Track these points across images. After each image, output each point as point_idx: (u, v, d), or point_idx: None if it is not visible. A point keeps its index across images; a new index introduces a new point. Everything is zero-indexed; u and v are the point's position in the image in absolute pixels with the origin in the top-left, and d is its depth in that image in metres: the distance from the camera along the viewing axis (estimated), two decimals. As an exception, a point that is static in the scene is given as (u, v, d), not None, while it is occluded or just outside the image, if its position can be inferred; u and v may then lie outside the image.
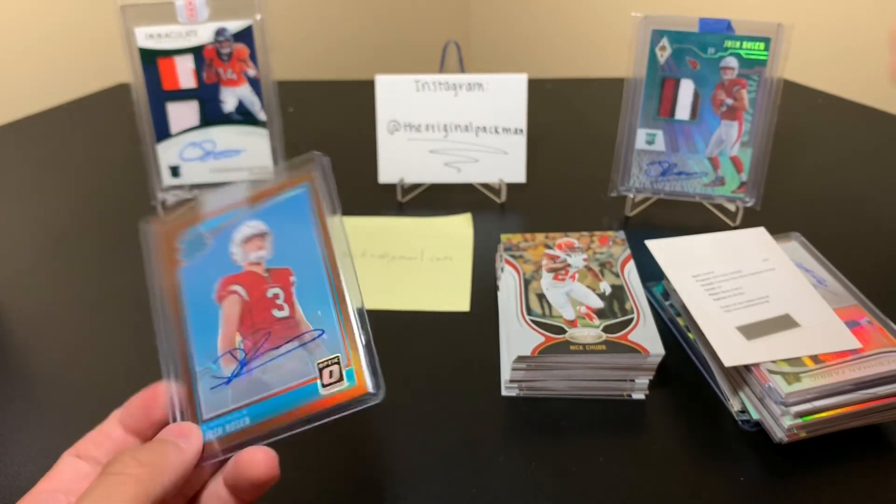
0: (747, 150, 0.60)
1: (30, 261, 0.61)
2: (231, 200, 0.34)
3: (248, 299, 0.32)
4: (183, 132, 0.66)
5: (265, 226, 0.33)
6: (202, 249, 0.33)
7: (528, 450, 0.40)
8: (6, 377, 0.47)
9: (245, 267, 0.33)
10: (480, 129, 0.67)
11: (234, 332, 0.32)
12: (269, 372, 0.31)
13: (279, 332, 0.31)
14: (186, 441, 0.28)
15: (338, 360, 0.30)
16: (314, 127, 0.90)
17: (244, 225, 0.33)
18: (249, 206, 0.34)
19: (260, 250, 0.33)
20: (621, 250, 0.51)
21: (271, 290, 0.32)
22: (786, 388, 0.38)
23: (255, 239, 0.33)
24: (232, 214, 0.34)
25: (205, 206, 0.34)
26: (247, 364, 0.31)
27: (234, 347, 0.31)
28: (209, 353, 0.31)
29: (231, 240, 0.33)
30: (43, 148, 0.87)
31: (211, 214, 0.34)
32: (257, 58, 0.65)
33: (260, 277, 0.32)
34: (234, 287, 0.32)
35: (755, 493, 0.37)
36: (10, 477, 0.39)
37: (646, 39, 0.59)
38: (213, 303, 0.32)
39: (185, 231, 0.34)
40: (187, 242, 0.34)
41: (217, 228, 0.34)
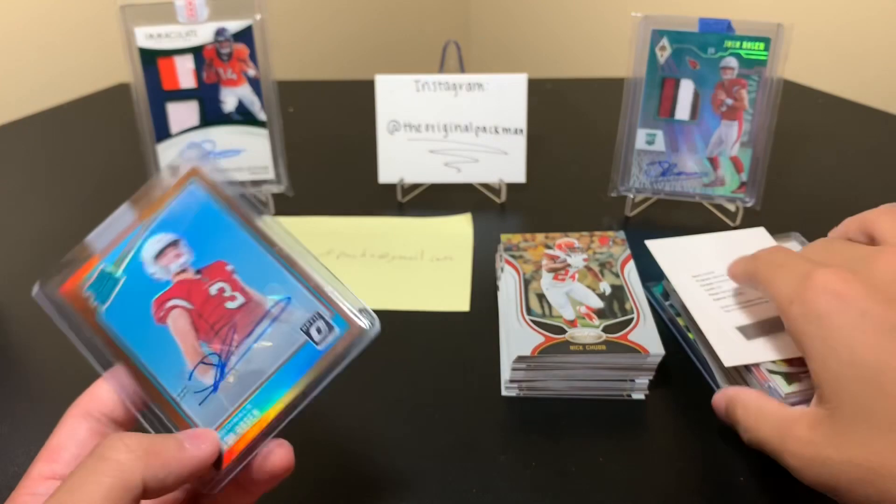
0: (747, 150, 0.60)
1: (30, 261, 0.61)
2: (120, 228, 0.32)
3: (192, 307, 0.30)
4: (183, 132, 0.66)
5: (171, 234, 0.31)
6: (115, 286, 0.31)
7: (528, 450, 0.40)
8: (6, 377, 0.47)
9: (173, 280, 0.31)
10: (480, 129, 0.67)
11: (195, 342, 0.30)
12: (255, 359, 0.29)
13: (244, 319, 0.30)
14: (194, 442, 0.27)
15: (319, 314, 0.29)
16: (314, 127, 0.90)
17: (148, 244, 0.31)
18: (142, 225, 0.32)
19: (179, 258, 0.31)
20: (621, 250, 0.51)
21: (213, 286, 0.30)
22: (786, 388, 0.38)
23: (168, 250, 0.31)
24: (127, 240, 0.31)
25: (94, 246, 0.32)
26: (226, 364, 0.30)
27: (203, 356, 0.30)
28: (178, 373, 0.30)
29: (142, 262, 0.31)
30: (43, 148, 0.87)
31: (105, 251, 0.32)
32: (257, 58, 0.65)
33: (194, 281, 0.31)
34: (172, 302, 0.30)
35: (755, 493, 0.37)
36: (10, 477, 0.39)
37: (646, 39, 0.59)
38: (157, 327, 0.30)
39: (85, 278, 0.31)
40: (94, 287, 0.31)
41: (119, 260, 0.31)
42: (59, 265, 0.31)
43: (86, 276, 0.31)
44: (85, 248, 0.32)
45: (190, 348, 0.30)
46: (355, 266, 0.58)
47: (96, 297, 0.31)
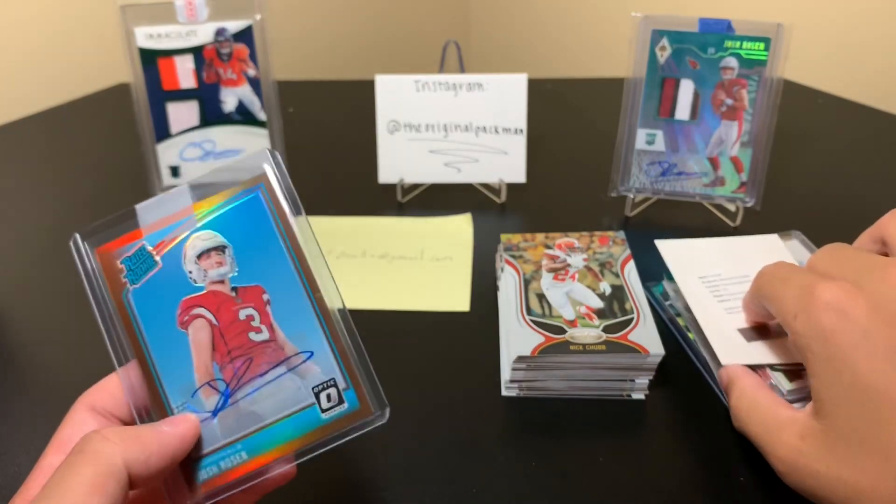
0: (747, 150, 0.60)
1: (30, 261, 0.61)
2: (172, 210, 0.29)
3: (217, 323, 0.29)
4: (183, 132, 0.66)
5: (220, 237, 0.29)
6: (150, 269, 0.29)
7: (528, 450, 0.40)
8: (6, 377, 0.47)
9: (207, 287, 0.29)
10: (480, 129, 0.67)
11: (209, 361, 0.28)
12: (259, 401, 0.28)
13: (261, 357, 0.28)
14: (171, 425, 0.27)
15: (334, 382, 0.28)
16: (314, 127, 0.90)
17: (195, 237, 0.29)
18: (195, 216, 0.29)
19: (220, 266, 0.29)
20: (621, 250, 0.51)
21: (243, 311, 0.29)
22: (787, 385, 0.38)
23: (212, 253, 0.29)
24: (176, 226, 0.29)
25: (142, 218, 0.30)
26: (231, 395, 0.28)
27: (211, 378, 0.28)
28: (184, 386, 0.28)
29: (183, 256, 0.29)
30: (43, 148, 0.87)
31: (151, 228, 0.29)
32: (257, 58, 0.65)
33: (227, 297, 0.29)
34: (199, 310, 0.29)
35: (755, 492, 0.37)
36: (10, 477, 0.39)
37: (646, 39, 0.59)
38: (177, 330, 0.29)
39: (123, 248, 0.29)
40: (130, 261, 0.29)
41: (162, 244, 0.29)
42: (102, 223, 0.29)
43: (125, 245, 0.29)
44: (133, 216, 0.30)
45: (202, 365, 0.28)
46: (355, 266, 0.58)
47: (128, 274, 0.29)
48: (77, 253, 0.29)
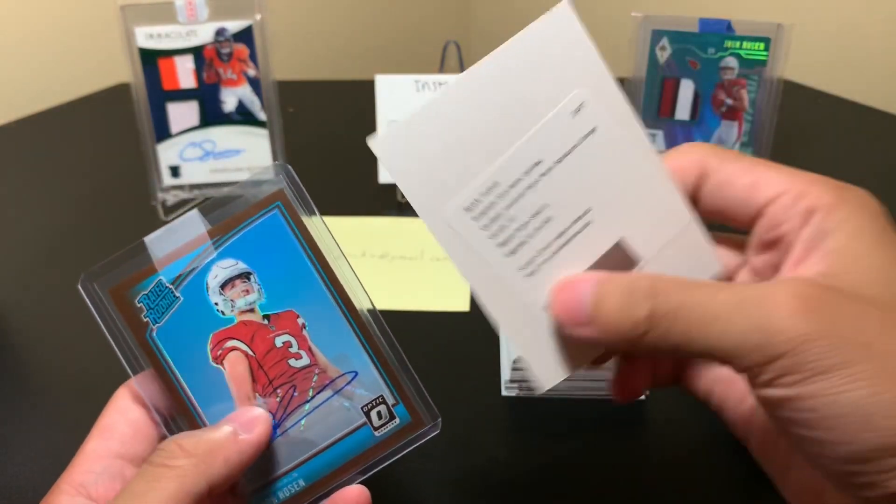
0: (747, 151, 0.60)
1: (30, 261, 0.61)
2: (185, 239, 0.28)
3: (253, 354, 0.28)
4: (183, 132, 0.66)
5: (242, 263, 0.28)
6: (171, 305, 0.27)
7: (528, 450, 0.40)
8: (6, 377, 0.47)
9: (237, 318, 0.27)
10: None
11: (251, 394, 0.28)
12: (310, 428, 0.28)
13: (305, 383, 0.28)
14: (248, 429, 0.26)
15: (382, 399, 0.28)
16: (314, 127, 0.90)
17: (216, 267, 0.27)
18: (212, 243, 0.28)
19: (247, 294, 0.28)
20: (621, 250, 0.50)
21: (279, 338, 0.28)
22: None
23: (237, 282, 0.28)
24: (192, 256, 0.27)
25: (154, 251, 0.27)
26: (279, 425, 0.28)
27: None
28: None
29: (206, 288, 0.27)
30: (43, 148, 0.87)
31: (165, 261, 0.27)
32: (257, 58, 0.65)
33: (260, 326, 0.28)
34: (232, 342, 0.28)
35: (755, 492, 0.37)
36: (10, 477, 0.39)
37: (646, 39, 0.59)
38: (211, 365, 0.27)
39: (139, 286, 0.27)
40: (148, 299, 0.27)
41: (180, 277, 0.27)
42: (110, 261, 0.28)
43: (140, 283, 0.27)
44: (142, 250, 0.28)
45: (244, 398, 0.27)
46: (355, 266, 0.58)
47: (149, 313, 0.27)
48: (88, 296, 0.27)
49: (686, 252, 0.26)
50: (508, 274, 0.25)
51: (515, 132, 0.24)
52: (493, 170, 0.24)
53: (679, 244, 0.25)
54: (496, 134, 0.24)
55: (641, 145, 0.25)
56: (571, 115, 0.24)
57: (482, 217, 0.24)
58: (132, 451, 0.27)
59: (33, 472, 0.40)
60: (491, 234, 0.25)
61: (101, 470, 0.26)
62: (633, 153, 0.25)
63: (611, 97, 0.24)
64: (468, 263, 0.25)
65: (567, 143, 0.24)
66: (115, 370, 0.40)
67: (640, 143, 0.25)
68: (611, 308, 0.22)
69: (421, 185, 0.24)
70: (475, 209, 0.24)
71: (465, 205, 0.24)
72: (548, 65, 0.24)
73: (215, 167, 0.67)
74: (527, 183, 0.24)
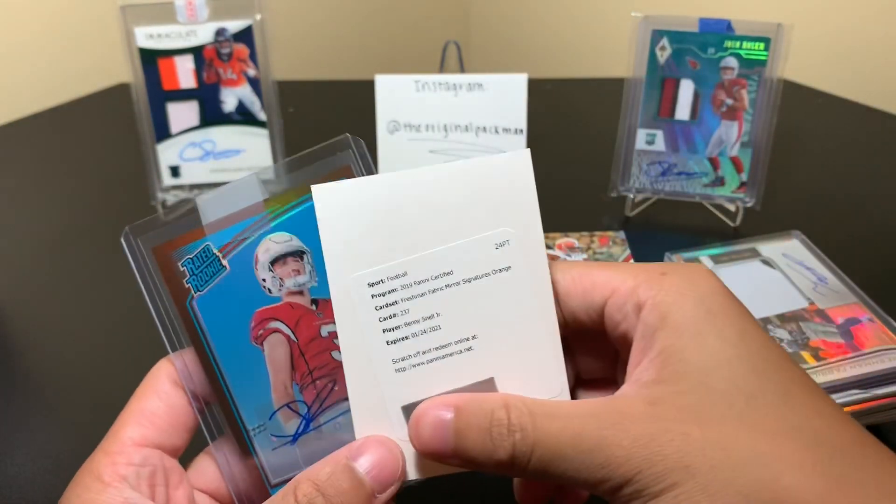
0: (747, 151, 0.60)
1: (30, 261, 0.61)
2: (240, 205, 0.26)
3: (296, 340, 0.26)
4: (183, 132, 0.66)
5: (298, 241, 0.25)
6: (216, 274, 0.25)
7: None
8: (6, 377, 0.47)
9: (283, 298, 0.26)
10: (480, 129, 0.67)
11: (288, 381, 0.26)
12: (346, 427, 0.26)
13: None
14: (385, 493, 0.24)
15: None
16: (314, 127, 0.90)
17: (268, 240, 0.25)
18: (268, 214, 0.26)
19: (298, 275, 0.26)
20: (621, 250, 0.51)
21: (326, 327, 0.26)
22: None
23: (289, 259, 0.26)
24: (244, 225, 0.25)
25: (205, 214, 0.26)
26: (313, 419, 0.26)
27: (291, 400, 0.26)
28: (260, 407, 0.26)
29: (256, 261, 0.25)
30: (43, 148, 0.87)
31: (215, 226, 0.25)
32: (257, 58, 0.65)
33: (307, 311, 0.26)
34: (275, 324, 0.26)
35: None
36: (10, 477, 0.39)
37: (646, 39, 0.59)
38: (250, 344, 0.25)
39: (185, 249, 0.25)
40: (193, 264, 0.25)
41: (229, 245, 0.25)
42: (156, 218, 0.25)
43: (186, 245, 0.25)
44: (192, 211, 0.25)
45: (280, 385, 0.26)
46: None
47: (191, 278, 0.25)
48: (130, 251, 0.25)
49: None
50: (381, 361, 0.25)
51: (441, 238, 0.25)
52: (408, 260, 0.25)
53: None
54: (425, 232, 0.25)
55: (545, 303, 0.26)
56: (495, 246, 0.26)
57: (380, 298, 0.25)
58: (170, 441, 0.25)
59: (33, 472, 0.40)
60: (381, 318, 0.25)
61: (140, 461, 0.24)
62: (535, 307, 0.26)
63: (534, 248, 0.26)
64: (349, 335, 0.25)
65: (481, 268, 0.26)
66: (116, 370, 0.40)
67: (544, 301, 0.26)
68: (473, 446, 0.23)
69: (340, 244, 0.25)
70: (378, 288, 0.25)
71: (370, 280, 0.25)
72: (493, 195, 0.26)
73: (215, 167, 0.67)
74: (432, 286, 0.25)
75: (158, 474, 0.25)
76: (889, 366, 0.39)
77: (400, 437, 0.25)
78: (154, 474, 0.24)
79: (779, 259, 0.48)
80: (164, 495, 0.25)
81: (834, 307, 0.44)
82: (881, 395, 0.38)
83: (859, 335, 0.41)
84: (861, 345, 0.41)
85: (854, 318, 0.43)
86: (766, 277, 0.47)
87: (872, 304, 0.44)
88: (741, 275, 0.47)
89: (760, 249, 0.49)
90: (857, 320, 0.43)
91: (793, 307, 0.44)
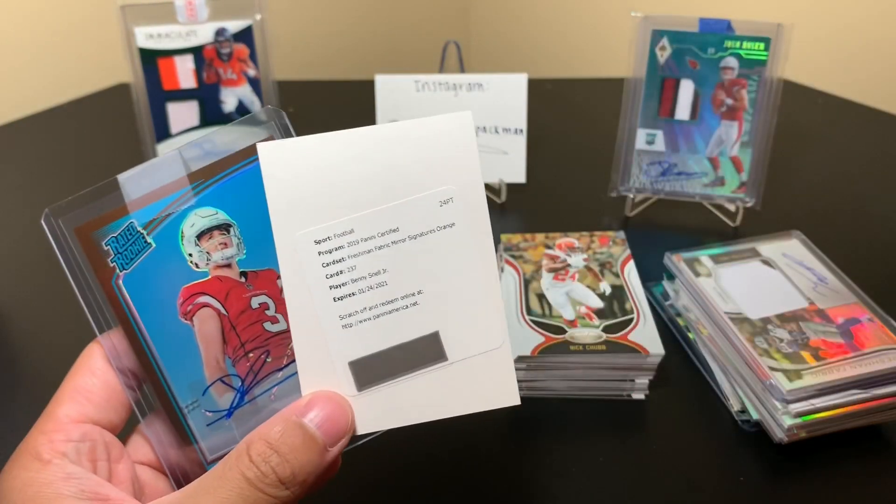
0: (747, 151, 0.60)
1: (30, 261, 0.61)
2: (163, 181, 0.25)
3: (226, 313, 0.25)
4: (183, 132, 0.66)
5: (223, 214, 0.25)
6: (141, 251, 0.25)
7: (528, 450, 0.40)
8: (6, 377, 0.47)
9: (211, 272, 0.25)
10: (480, 129, 0.67)
11: (220, 355, 0.26)
12: (281, 398, 0.26)
13: (280, 349, 0.26)
14: (337, 445, 0.24)
15: None
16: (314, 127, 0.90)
17: (193, 215, 0.25)
18: (191, 188, 0.25)
19: (225, 248, 0.25)
20: (621, 250, 0.51)
21: (256, 298, 0.26)
22: (787, 385, 0.38)
23: (215, 233, 0.25)
24: (168, 200, 0.25)
25: (127, 191, 0.25)
26: (247, 392, 0.26)
27: (224, 374, 0.26)
28: (193, 384, 0.26)
29: (181, 236, 0.25)
30: (43, 148, 0.87)
31: (139, 203, 0.25)
32: (257, 58, 0.65)
33: (236, 284, 0.25)
34: (204, 298, 0.25)
35: (755, 493, 0.37)
36: (10, 477, 0.39)
37: (646, 39, 0.59)
38: (179, 321, 0.25)
39: (108, 227, 0.25)
40: (117, 243, 0.25)
41: (153, 221, 0.25)
42: (78, 197, 0.25)
43: (110, 224, 0.25)
44: (114, 188, 0.25)
45: (212, 360, 0.26)
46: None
47: (116, 257, 0.25)
48: (51, 233, 0.25)
49: (489, 372, 0.27)
50: (328, 317, 0.25)
51: (387, 196, 0.26)
52: (355, 217, 0.25)
53: (487, 360, 0.27)
54: (371, 190, 0.26)
55: (487, 258, 0.26)
56: (439, 203, 0.26)
57: (327, 255, 0.25)
58: (107, 417, 0.25)
59: (33, 472, 0.40)
60: (328, 274, 0.25)
61: (79, 437, 0.24)
62: (477, 262, 0.26)
63: (476, 205, 0.26)
64: (296, 292, 0.25)
65: (426, 225, 0.26)
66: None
67: (486, 256, 0.26)
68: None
69: (286, 201, 0.25)
70: (324, 245, 0.25)
71: (317, 237, 0.25)
72: (437, 154, 0.26)
73: (215, 167, 0.67)
74: (378, 243, 0.26)
75: (99, 449, 0.24)
76: (889, 366, 0.39)
77: (348, 392, 0.26)
78: (94, 449, 0.24)
79: (779, 259, 0.48)
80: (106, 469, 0.24)
81: (834, 307, 0.44)
82: (881, 395, 0.38)
83: (859, 335, 0.41)
84: (861, 345, 0.41)
85: (854, 318, 0.43)
86: (766, 277, 0.47)
87: (872, 304, 0.44)
88: (741, 275, 0.47)
89: (760, 249, 0.49)
90: (857, 320, 0.43)
91: (793, 307, 0.44)
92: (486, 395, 0.26)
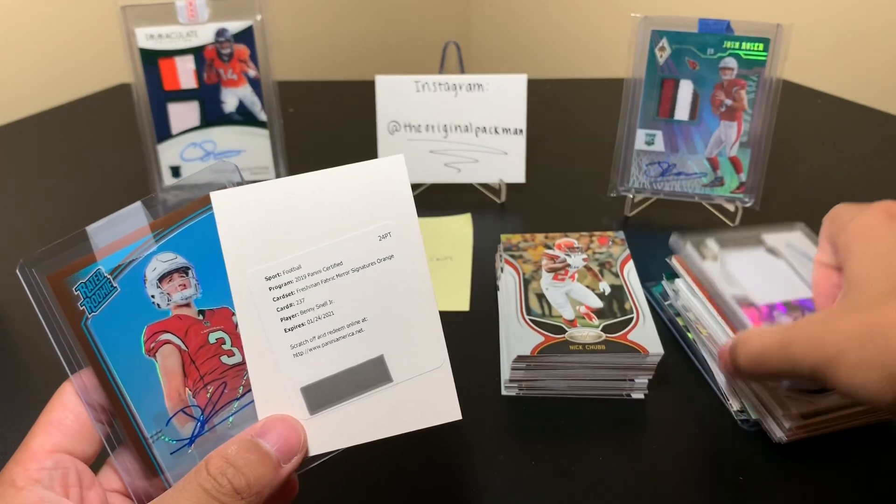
0: (746, 151, 0.61)
1: (30, 261, 0.61)
2: (126, 230, 0.28)
3: (186, 349, 0.28)
4: (183, 132, 0.66)
5: (182, 258, 0.28)
6: (108, 295, 0.27)
7: (528, 450, 0.40)
8: (6, 377, 0.48)
9: (172, 311, 0.28)
10: (480, 129, 0.67)
11: (182, 388, 0.28)
12: (238, 425, 0.28)
13: (236, 380, 0.28)
14: (290, 462, 0.26)
15: None
16: (314, 127, 0.90)
17: (155, 260, 0.28)
18: (153, 236, 0.28)
19: (184, 289, 0.28)
20: (621, 250, 0.51)
21: (213, 334, 0.28)
22: (786, 384, 0.38)
23: (175, 275, 0.28)
24: (132, 248, 0.28)
25: (95, 241, 0.28)
26: (207, 421, 0.28)
27: (185, 405, 0.28)
28: (156, 415, 0.28)
29: (144, 280, 0.28)
30: (43, 148, 0.87)
31: (105, 251, 0.28)
32: (258, 58, 0.65)
33: (194, 322, 0.28)
34: (166, 336, 0.28)
35: (755, 492, 0.37)
36: (11, 476, 0.40)
37: (645, 40, 0.59)
38: (144, 357, 0.27)
39: (77, 274, 0.28)
40: (86, 288, 0.27)
41: (119, 267, 0.28)
42: (50, 248, 0.28)
43: (79, 271, 0.28)
44: (83, 239, 0.28)
45: (174, 392, 0.28)
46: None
47: (85, 301, 0.27)
48: (26, 282, 0.28)
49: (432, 390, 0.29)
50: (279, 347, 0.28)
51: (330, 234, 0.28)
52: (301, 254, 0.28)
53: (429, 379, 0.29)
54: (315, 229, 0.28)
55: (424, 285, 0.29)
56: (378, 238, 0.29)
57: (277, 290, 0.28)
58: (80, 447, 0.27)
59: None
60: (279, 308, 0.28)
61: (52, 465, 0.26)
62: (415, 290, 0.29)
63: (412, 238, 0.29)
64: (251, 327, 0.28)
65: (368, 258, 0.29)
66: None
67: (423, 283, 0.29)
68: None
69: (238, 243, 0.28)
70: (275, 280, 0.28)
71: (267, 274, 0.28)
72: (375, 194, 0.29)
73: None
74: (324, 277, 0.28)
75: (71, 475, 0.26)
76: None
77: (300, 416, 0.28)
78: (66, 476, 0.26)
79: (783, 249, 0.48)
80: (78, 495, 0.26)
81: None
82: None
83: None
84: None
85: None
86: (772, 266, 0.47)
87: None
88: (747, 261, 0.47)
89: (765, 238, 0.49)
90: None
91: (798, 296, 0.44)
92: (430, 412, 0.29)
